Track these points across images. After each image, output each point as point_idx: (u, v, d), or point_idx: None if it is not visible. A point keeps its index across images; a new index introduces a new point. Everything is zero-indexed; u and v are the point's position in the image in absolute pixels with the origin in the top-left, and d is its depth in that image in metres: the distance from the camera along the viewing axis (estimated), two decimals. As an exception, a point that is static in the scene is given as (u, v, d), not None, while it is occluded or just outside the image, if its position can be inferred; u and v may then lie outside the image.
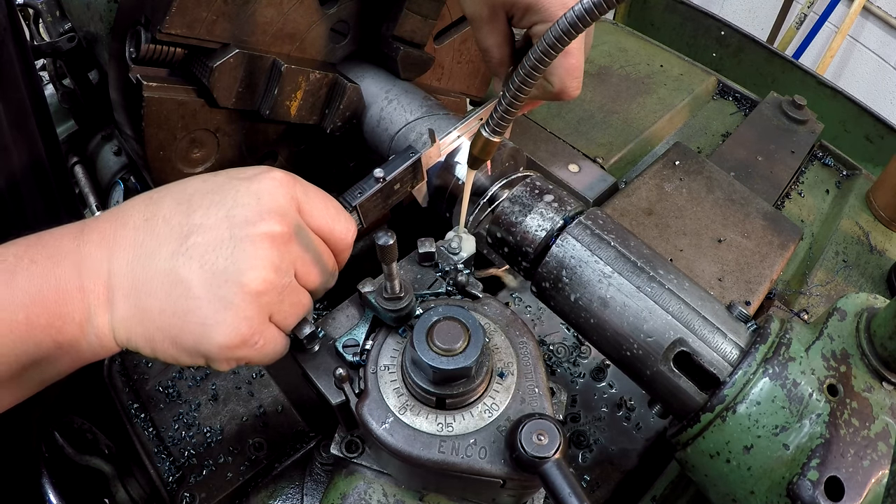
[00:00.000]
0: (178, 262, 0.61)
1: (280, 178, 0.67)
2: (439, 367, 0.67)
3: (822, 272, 1.42)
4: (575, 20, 0.65)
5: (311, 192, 0.70)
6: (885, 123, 1.95)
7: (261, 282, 0.63)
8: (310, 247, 0.69)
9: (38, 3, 1.22)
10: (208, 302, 0.61)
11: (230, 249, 0.62)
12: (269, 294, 0.64)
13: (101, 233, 0.64)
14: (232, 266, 0.62)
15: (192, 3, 0.91)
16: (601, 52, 1.91)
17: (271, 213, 0.64)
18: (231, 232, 0.62)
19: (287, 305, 0.67)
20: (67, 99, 1.33)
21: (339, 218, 0.73)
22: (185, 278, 0.61)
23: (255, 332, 0.64)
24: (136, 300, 0.62)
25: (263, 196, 0.65)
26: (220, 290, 0.61)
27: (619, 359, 0.83)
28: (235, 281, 0.62)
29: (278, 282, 0.64)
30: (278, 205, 0.65)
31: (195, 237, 0.62)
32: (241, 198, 0.64)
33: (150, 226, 0.63)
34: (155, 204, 0.65)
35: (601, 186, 1.49)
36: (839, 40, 3.46)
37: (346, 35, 1.17)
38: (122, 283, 0.62)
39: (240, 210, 0.63)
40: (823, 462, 0.66)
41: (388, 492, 0.80)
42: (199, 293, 0.61)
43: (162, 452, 1.07)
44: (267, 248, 0.63)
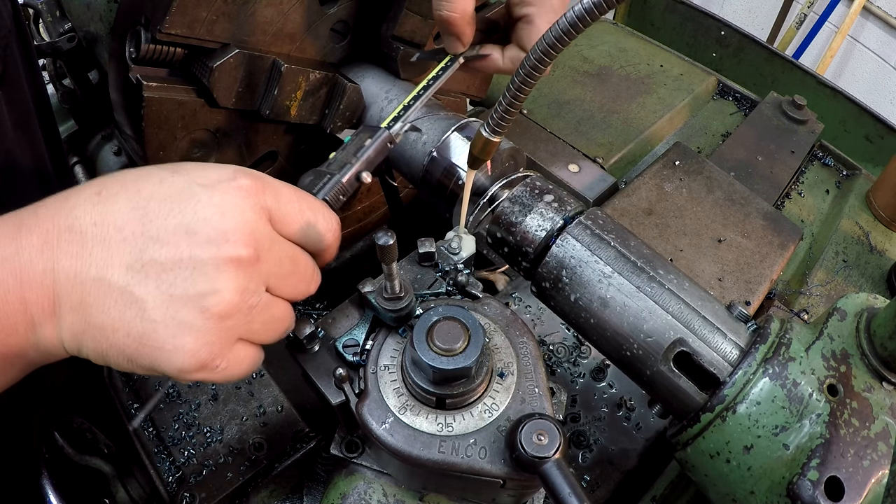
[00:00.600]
0: (133, 280, 0.56)
1: (247, 186, 0.60)
2: (439, 367, 0.67)
3: (822, 272, 1.42)
4: (575, 20, 0.65)
5: (284, 197, 0.64)
6: (885, 123, 1.95)
7: (224, 306, 0.58)
8: (283, 259, 0.63)
9: (38, 3, 1.22)
10: (165, 326, 0.57)
11: (189, 271, 0.57)
12: (235, 317, 0.59)
13: (43, 235, 0.57)
14: (192, 289, 0.56)
15: (192, 3, 0.91)
16: (601, 52, 1.91)
17: (237, 233, 0.58)
18: (191, 251, 0.57)
19: (258, 324, 0.62)
20: (67, 99, 1.33)
21: (317, 219, 0.66)
22: (141, 298, 0.56)
23: (216, 357, 0.60)
24: (85, 315, 0.57)
25: (228, 210, 0.58)
26: (178, 314, 0.57)
27: (619, 359, 0.83)
28: (196, 305, 0.57)
29: (244, 304, 0.59)
30: (244, 221, 0.59)
31: (151, 252, 0.56)
32: (202, 210, 0.58)
33: (100, 232, 0.57)
34: (105, 204, 0.58)
35: (601, 186, 1.49)
36: (839, 40, 3.46)
37: (345, 35, 1.17)
38: (69, 296, 0.57)
39: (201, 226, 0.57)
40: (823, 462, 0.66)
41: (388, 492, 0.80)
42: (156, 316, 0.56)
43: (162, 452, 1.07)
44: (231, 271, 0.58)
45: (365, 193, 1.58)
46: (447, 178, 1.06)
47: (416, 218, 1.73)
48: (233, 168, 0.62)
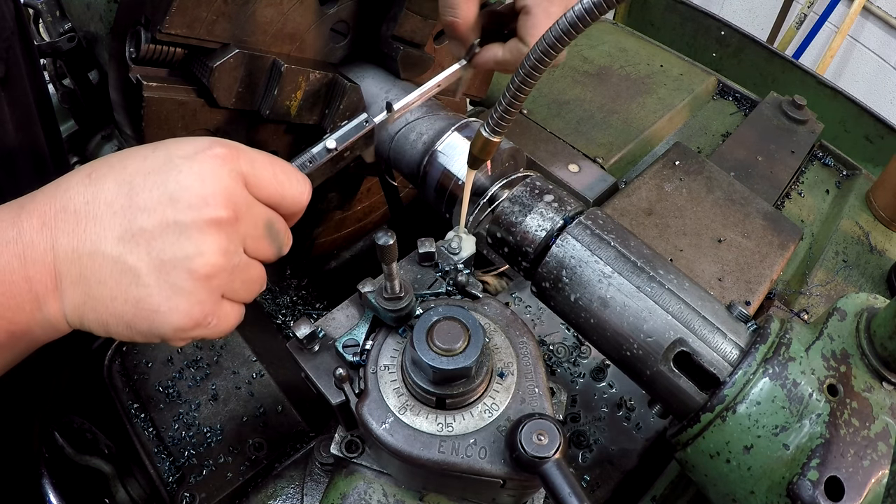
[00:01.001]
0: (125, 249, 0.60)
1: (223, 154, 0.65)
2: (439, 367, 0.67)
3: (822, 272, 1.42)
4: (575, 20, 0.65)
5: (258, 163, 0.68)
6: (885, 123, 1.95)
7: (210, 267, 0.62)
8: (259, 221, 0.68)
9: (38, 3, 1.22)
10: (159, 289, 0.61)
11: (176, 236, 0.61)
12: (220, 276, 0.64)
13: (41, 217, 0.61)
14: (180, 252, 0.61)
15: (192, 3, 0.91)
16: (601, 52, 1.91)
17: (216, 197, 0.62)
18: (175, 217, 0.61)
19: (238, 283, 0.67)
20: (67, 99, 1.33)
21: (291, 182, 0.71)
22: (134, 266, 0.60)
23: (209, 314, 0.64)
24: (85, 288, 0.61)
25: (206, 177, 0.63)
26: (169, 277, 0.61)
27: (619, 359, 0.83)
28: (185, 267, 0.61)
29: (227, 264, 0.64)
30: (223, 186, 0.63)
31: (140, 222, 0.61)
32: (183, 179, 0.62)
33: (92, 210, 0.61)
34: (95, 184, 0.63)
35: (601, 186, 1.49)
36: (839, 40, 3.46)
37: (345, 35, 1.17)
38: (69, 271, 0.61)
39: (183, 193, 0.62)
40: (823, 462, 0.66)
41: (388, 492, 0.80)
42: (149, 281, 0.61)
43: (162, 452, 1.07)
44: (213, 233, 0.62)
45: (365, 193, 1.58)
46: (447, 178, 1.06)
47: (416, 218, 1.73)
48: (209, 139, 0.66)
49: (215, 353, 1.20)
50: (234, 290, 0.67)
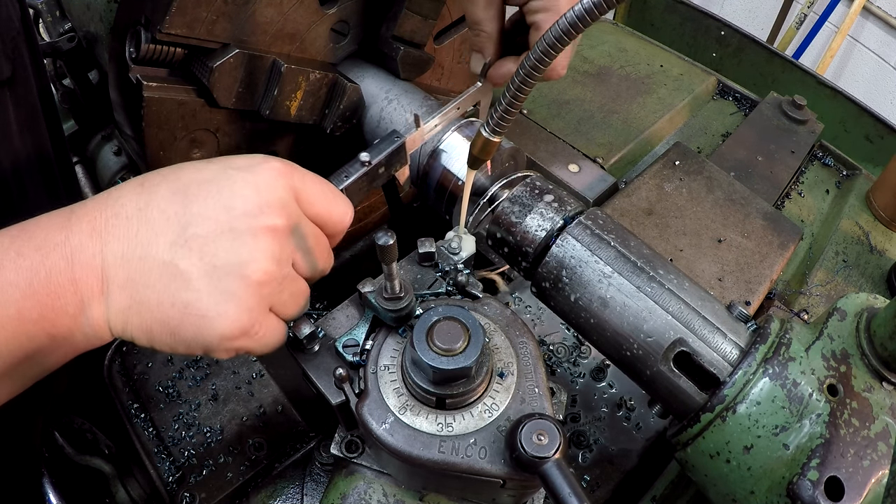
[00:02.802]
0: (178, 254, 0.60)
1: (279, 168, 0.66)
2: (439, 367, 0.67)
3: (822, 272, 1.42)
4: (575, 20, 0.65)
5: (309, 180, 0.70)
6: (885, 123, 1.95)
7: (262, 273, 0.63)
8: (308, 236, 0.69)
9: (38, 3, 1.22)
10: (209, 294, 0.61)
11: (230, 241, 0.61)
12: (270, 285, 0.64)
13: (92, 222, 0.61)
14: (234, 258, 0.61)
15: (192, 3, 0.91)
16: (601, 52, 1.91)
17: (271, 206, 0.64)
18: (231, 224, 0.62)
19: (286, 295, 0.68)
20: (67, 99, 1.33)
21: (337, 203, 0.72)
22: (185, 270, 0.60)
23: (256, 323, 0.64)
24: (132, 292, 0.61)
25: (262, 187, 0.64)
26: (221, 283, 0.61)
27: (619, 359, 0.83)
28: (237, 273, 0.61)
29: (279, 273, 0.65)
30: (278, 196, 0.65)
31: (194, 228, 0.61)
32: (238, 189, 0.63)
33: (145, 216, 0.62)
34: (148, 193, 0.63)
35: (601, 186, 1.49)
36: (839, 40, 3.46)
37: (346, 35, 1.17)
38: (117, 275, 0.61)
39: (239, 202, 0.63)
40: (823, 462, 0.66)
41: (388, 492, 0.80)
42: (200, 285, 0.61)
43: (162, 452, 1.07)
44: (268, 240, 0.63)
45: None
46: (447, 178, 1.06)
47: (416, 218, 1.73)
48: (262, 155, 0.68)
49: (215, 353, 1.20)
50: (282, 301, 0.67)
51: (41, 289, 0.59)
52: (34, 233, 0.61)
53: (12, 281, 0.58)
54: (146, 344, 0.64)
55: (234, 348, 0.66)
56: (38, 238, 0.60)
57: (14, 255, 0.59)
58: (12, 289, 0.58)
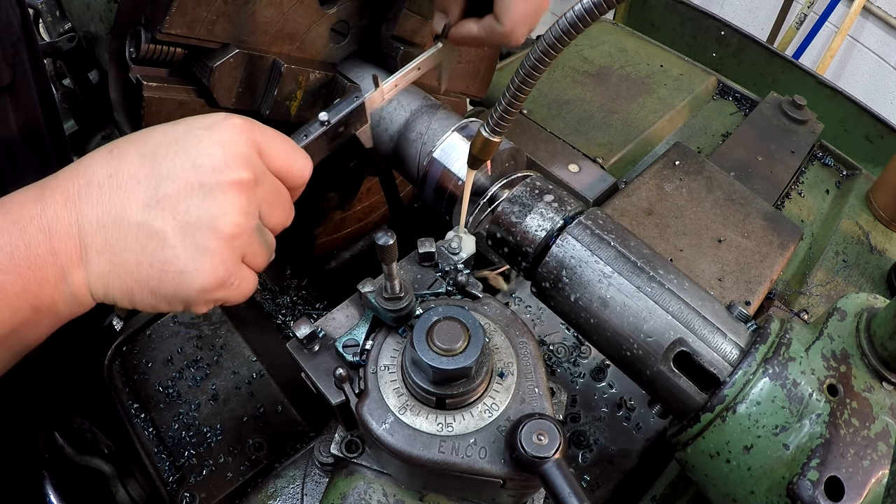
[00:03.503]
0: (151, 215, 0.63)
1: (240, 124, 0.68)
2: (439, 367, 0.67)
3: (822, 272, 1.42)
4: (575, 20, 0.65)
5: (269, 135, 0.72)
6: (885, 123, 1.95)
7: (233, 226, 0.65)
8: (272, 188, 0.71)
9: (38, 3, 1.22)
10: (185, 251, 0.63)
11: (201, 198, 0.64)
12: (241, 237, 0.67)
13: (65, 192, 0.63)
14: (205, 213, 0.64)
15: (192, 3, 0.91)
16: (601, 52, 1.91)
17: (237, 161, 0.66)
18: (200, 181, 0.64)
19: (256, 246, 0.70)
20: (67, 99, 1.33)
21: (297, 157, 0.75)
22: (160, 230, 0.63)
23: (231, 274, 0.67)
24: (110, 256, 0.63)
25: (226, 144, 0.66)
26: (195, 238, 0.63)
27: (619, 359, 0.83)
28: (209, 228, 0.64)
29: (248, 225, 0.67)
30: (242, 152, 0.67)
31: (164, 188, 0.63)
32: (204, 147, 0.65)
33: (116, 181, 0.63)
34: (117, 159, 0.65)
35: (601, 186, 1.49)
36: (839, 40, 3.46)
37: (346, 35, 1.17)
38: (94, 241, 0.63)
39: (206, 159, 0.65)
40: (823, 462, 0.66)
41: (388, 492, 0.80)
42: (175, 243, 0.63)
43: (162, 452, 1.07)
44: (236, 194, 0.65)
45: (365, 193, 1.58)
46: (447, 178, 1.07)
47: (416, 218, 1.73)
48: (223, 113, 0.71)
49: (215, 353, 1.20)
50: (252, 252, 0.70)
51: (21, 262, 0.60)
52: (9, 208, 0.62)
53: None
54: (128, 305, 0.66)
55: (213, 300, 0.68)
56: (14, 213, 0.62)
57: None
58: None
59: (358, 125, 0.99)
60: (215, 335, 1.23)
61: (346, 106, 0.96)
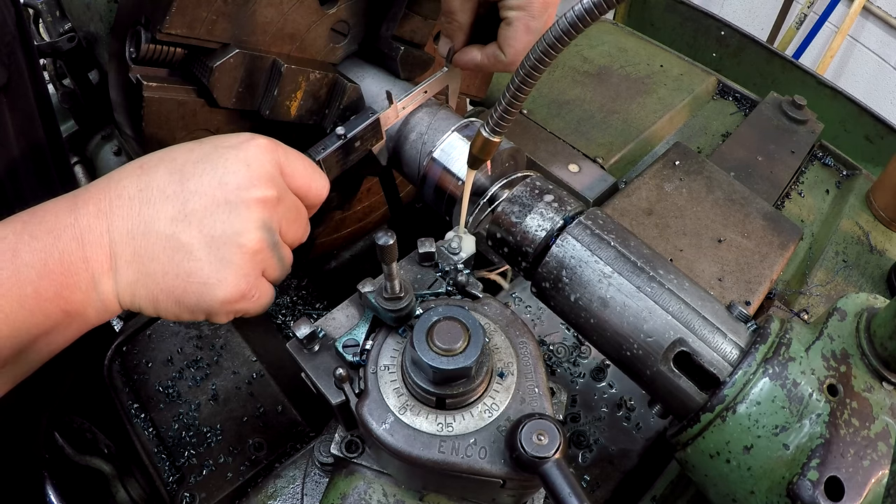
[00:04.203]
0: (179, 228, 0.66)
1: (264, 144, 0.72)
2: (439, 367, 0.67)
3: (822, 272, 1.42)
4: (575, 20, 0.65)
5: (292, 155, 0.76)
6: (885, 123, 1.95)
7: (256, 241, 0.69)
8: (292, 206, 0.75)
9: (38, 3, 1.22)
10: (209, 263, 0.67)
11: (226, 214, 0.67)
12: (263, 252, 0.70)
13: (97, 204, 0.66)
14: (230, 228, 0.67)
15: (192, 3, 0.91)
16: (601, 52, 1.91)
17: (261, 179, 0.69)
18: (226, 197, 0.67)
19: (275, 260, 0.74)
20: (67, 99, 1.33)
21: (316, 177, 0.79)
22: (186, 243, 0.66)
23: (252, 287, 0.71)
24: (139, 266, 0.66)
25: (252, 163, 0.70)
26: (219, 252, 0.67)
27: (619, 359, 0.83)
28: (234, 242, 0.67)
29: (270, 240, 0.71)
30: (266, 170, 0.70)
31: (192, 204, 0.66)
32: (230, 165, 0.69)
33: (146, 196, 0.67)
34: (147, 174, 0.68)
35: (601, 186, 1.49)
36: (839, 40, 3.46)
37: (346, 35, 1.17)
38: (124, 251, 0.66)
39: (232, 177, 0.68)
40: (823, 462, 0.66)
41: (388, 492, 0.80)
42: (201, 255, 0.66)
43: (162, 452, 1.07)
44: (259, 210, 0.69)
45: (365, 193, 1.58)
46: (447, 178, 1.06)
47: (416, 218, 1.73)
48: (248, 133, 0.74)
49: (215, 354, 1.20)
50: (272, 266, 0.73)
51: (56, 268, 0.63)
52: (44, 217, 0.65)
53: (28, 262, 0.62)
54: (153, 313, 0.70)
55: (234, 311, 0.72)
56: (49, 222, 0.65)
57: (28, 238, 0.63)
58: (28, 269, 0.62)
59: (373, 141, 1.02)
60: (215, 335, 1.23)
61: (362, 121, 0.99)
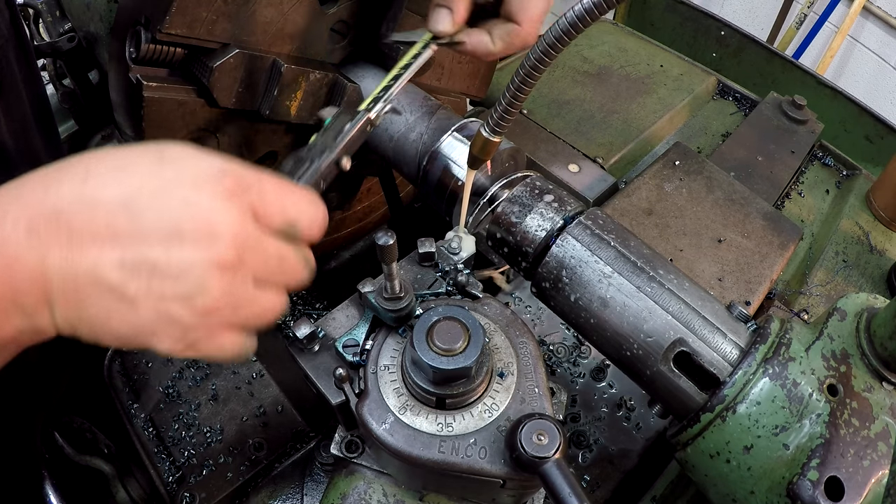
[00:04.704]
0: (126, 278, 0.58)
1: (231, 187, 0.61)
2: (439, 367, 0.67)
3: (822, 272, 1.42)
4: (575, 20, 0.65)
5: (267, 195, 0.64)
6: (885, 123, 1.95)
7: (211, 302, 0.60)
8: (270, 256, 0.65)
9: (38, 3, 1.22)
10: (157, 319, 0.60)
11: (179, 271, 0.59)
12: (220, 311, 0.62)
13: (27, 223, 0.56)
14: (180, 289, 0.59)
15: (192, 3, 0.91)
16: (601, 52, 1.91)
17: (223, 236, 0.60)
18: (180, 254, 0.59)
19: (244, 316, 0.65)
20: (67, 99, 1.33)
21: (302, 211, 0.67)
22: (133, 296, 0.58)
23: (201, 342, 0.63)
24: (79, 306, 0.59)
25: (214, 213, 0.60)
26: (168, 310, 0.60)
27: (619, 359, 0.83)
28: (185, 304, 0.60)
29: (229, 300, 0.62)
30: (230, 223, 0.61)
31: (143, 251, 0.58)
32: (191, 211, 0.59)
33: (91, 228, 0.57)
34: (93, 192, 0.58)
35: (601, 186, 1.49)
36: (839, 40, 3.46)
37: (345, 35, 1.17)
38: (62, 289, 0.58)
39: (189, 228, 0.59)
40: (823, 462, 0.66)
41: (388, 492, 0.80)
42: (147, 312, 0.59)
43: (162, 452, 1.07)
44: (217, 274, 0.60)
45: (365, 193, 1.58)
46: (447, 178, 1.06)
47: (416, 218, 1.73)
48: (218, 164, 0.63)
49: (215, 353, 1.20)
50: (240, 320, 0.65)
51: None
52: None
53: None
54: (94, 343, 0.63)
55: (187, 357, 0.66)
56: None
57: None
58: None
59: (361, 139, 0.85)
60: (215, 335, 1.23)
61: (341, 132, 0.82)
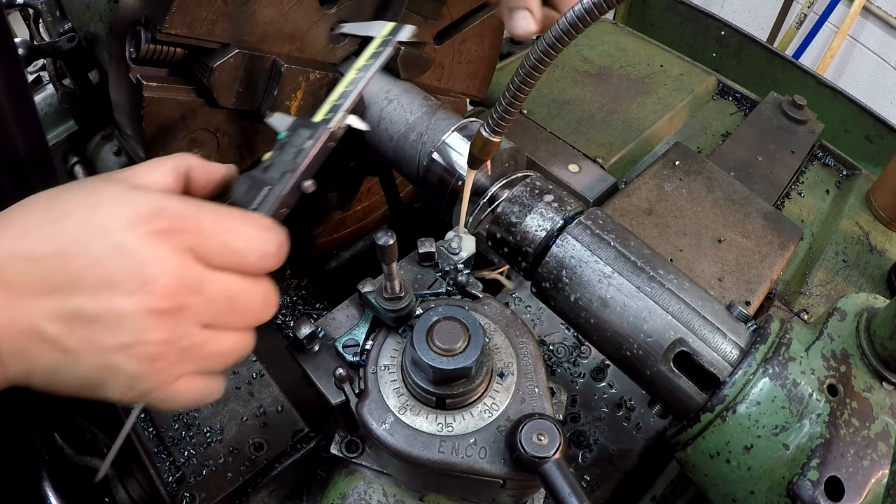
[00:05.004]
0: (64, 331, 0.58)
1: (163, 228, 0.59)
2: (439, 367, 0.67)
3: (822, 272, 1.42)
4: (575, 20, 0.65)
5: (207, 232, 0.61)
6: (885, 123, 1.95)
7: (153, 350, 0.59)
8: (218, 297, 0.62)
9: (38, 3, 1.22)
10: (99, 371, 0.59)
11: (115, 321, 0.58)
12: (166, 359, 0.60)
13: None
14: (118, 339, 0.58)
15: (192, 2, 0.91)
16: (601, 52, 1.91)
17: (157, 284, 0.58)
18: (113, 304, 0.58)
19: (198, 361, 0.63)
20: (67, 99, 1.33)
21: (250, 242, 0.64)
22: (73, 349, 0.58)
23: (152, 391, 0.62)
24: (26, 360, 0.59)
25: (148, 260, 0.58)
26: (110, 360, 0.59)
27: (619, 359, 0.83)
28: (125, 353, 0.59)
29: (173, 348, 0.60)
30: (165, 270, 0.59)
31: (78, 302, 0.57)
32: (121, 258, 0.58)
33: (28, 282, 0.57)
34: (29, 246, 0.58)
35: (601, 186, 1.49)
36: (839, 40, 3.46)
37: (346, 35, 1.17)
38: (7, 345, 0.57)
39: (122, 277, 0.58)
40: (823, 462, 0.66)
41: (388, 492, 0.80)
42: (90, 364, 0.59)
43: (162, 452, 1.07)
44: (154, 322, 0.59)
45: (365, 193, 1.58)
46: (447, 179, 1.06)
47: (416, 218, 1.73)
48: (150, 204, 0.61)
49: (215, 353, 1.20)
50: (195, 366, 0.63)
51: None
52: None
53: None
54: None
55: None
56: None
57: None
58: None
59: None
60: (215, 335, 1.23)
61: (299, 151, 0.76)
